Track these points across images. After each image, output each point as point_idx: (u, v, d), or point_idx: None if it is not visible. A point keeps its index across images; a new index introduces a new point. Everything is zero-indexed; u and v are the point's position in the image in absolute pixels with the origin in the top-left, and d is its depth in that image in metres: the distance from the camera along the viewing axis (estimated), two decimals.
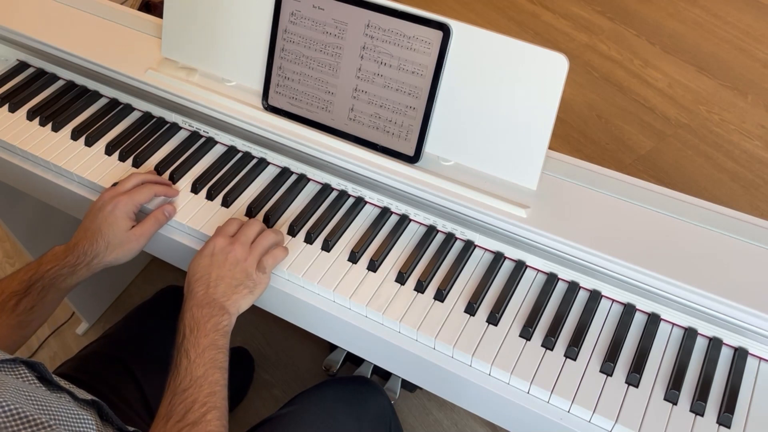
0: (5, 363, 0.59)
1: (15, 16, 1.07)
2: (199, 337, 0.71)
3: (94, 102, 1.04)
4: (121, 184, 0.87)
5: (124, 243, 0.83)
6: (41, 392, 0.57)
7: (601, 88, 2.13)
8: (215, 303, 0.74)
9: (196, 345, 0.70)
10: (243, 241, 0.78)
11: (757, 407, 0.69)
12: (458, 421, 1.42)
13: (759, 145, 1.93)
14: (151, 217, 0.85)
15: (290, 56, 0.87)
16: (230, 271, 0.76)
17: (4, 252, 1.82)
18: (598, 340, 0.75)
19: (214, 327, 0.73)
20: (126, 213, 0.83)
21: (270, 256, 0.80)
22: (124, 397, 0.90)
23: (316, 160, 0.89)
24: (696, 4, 2.41)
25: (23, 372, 0.60)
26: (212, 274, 0.76)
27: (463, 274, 0.81)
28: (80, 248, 0.81)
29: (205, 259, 0.77)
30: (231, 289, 0.76)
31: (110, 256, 0.82)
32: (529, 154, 0.79)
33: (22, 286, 0.78)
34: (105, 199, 0.84)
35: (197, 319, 0.73)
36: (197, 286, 0.76)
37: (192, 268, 0.78)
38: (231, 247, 0.78)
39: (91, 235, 0.82)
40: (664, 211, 0.79)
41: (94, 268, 0.82)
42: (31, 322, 0.80)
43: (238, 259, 0.77)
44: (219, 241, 0.78)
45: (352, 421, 0.88)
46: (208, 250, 0.78)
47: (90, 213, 0.85)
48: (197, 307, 0.74)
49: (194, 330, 0.72)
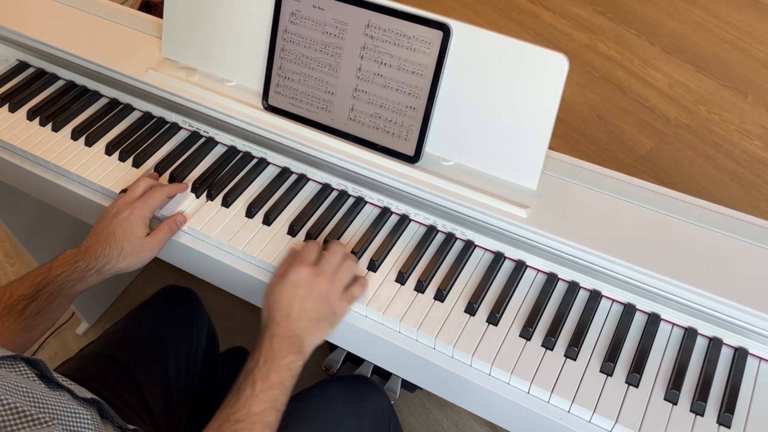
0: (6, 359, 0.59)
1: (15, 16, 1.07)
2: (270, 371, 0.69)
3: (94, 102, 1.04)
4: (131, 190, 0.86)
5: (137, 251, 0.82)
6: (40, 389, 0.57)
7: (601, 88, 2.13)
8: (296, 339, 0.72)
9: (265, 379, 0.69)
10: (328, 273, 0.75)
11: (757, 407, 0.69)
12: (458, 421, 1.42)
13: (759, 145, 1.93)
14: (164, 225, 0.85)
15: (290, 56, 0.87)
16: (314, 305, 0.74)
17: (4, 252, 1.82)
18: (598, 340, 0.75)
19: (288, 366, 0.71)
20: (142, 219, 0.83)
21: (358, 286, 0.78)
22: (123, 396, 0.90)
23: (316, 160, 0.89)
24: (696, 4, 2.41)
25: (23, 368, 0.60)
26: (295, 306, 0.73)
27: (463, 274, 0.81)
28: (92, 253, 0.81)
29: (288, 288, 0.74)
30: (313, 324, 0.74)
31: (122, 263, 0.82)
32: (529, 154, 0.79)
33: (31, 290, 0.78)
34: (120, 206, 0.84)
35: (275, 352, 0.71)
36: (280, 316, 0.73)
37: (273, 294, 0.75)
38: (316, 279, 0.74)
39: (104, 240, 0.81)
40: (664, 211, 0.79)
41: (105, 275, 0.82)
42: (36, 327, 0.79)
43: (323, 293, 0.74)
44: (303, 271, 0.75)
45: (351, 420, 0.88)
46: (292, 280, 0.74)
47: (103, 218, 0.84)
48: (278, 339, 0.72)
49: (268, 362, 0.70)
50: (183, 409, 0.99)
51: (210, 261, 0.87)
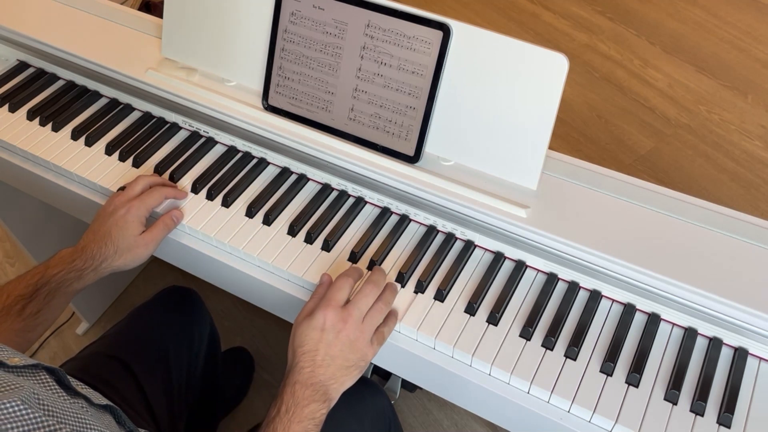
0: (27, 369, 0.59)
1: (15, 16, 1.07)
2: (292, 421, 0.67)
3: (94, 102, 1.04)
4: (129, 189, 0.86)
5: (132, 248, 0.82)
6: (55, 397, 0.57)
7: (601, 88, 2.13)
8: (320, 386, 0.70)
9: (287, 429, 0.67)
10: (356, 317, 0.72)
11: (757, 407, 0.69)
12: (458, 421, 1.42)
13: (759, 145, 1.93)
14: (160, 222, 0.85)
15: (290, 56, 0.87)
16: (341, 352, 0.71)
17: (4, 252, 1.82)
18: (598, 340, 0.75)
19: (311, 414, 0.68)
20: (138, 217, 0.83)
21: (388, 328, 0.75)
22: (125, 396, 0.90)
23: (316, 160, 0.89)
24: (696, 4, 2.41)
25: (44, 377, 0.60)
26: (320, 351, 0.70)
27: (463, 274, 0.81)
28: (88, 252, 0.81)
29: (314, 333, 0.71)
30: (340, 371, 0.71)
31: (118, 261, 0.82)
32: (529, 154, 0.79)
33: (28, 290, 0.78)
34: (116, 204, 0.84)
35: (297, 400, 0.68)
36: (304, 361, 0.70)
37: (298, 336, 0.72)
38: (343, 324, 0.71)
39: (100, 238, 0.81)
40: (664, 211, 0.79)
41: (102, 273, 0.82)
42: (36, 327, 0.79)
43: (351, 340, 0.71)
44: (330, 314, 0.71)
45: (351, 421, 0.88)
46: (318, 323, 0.71)
47: (100, 217, 0.84)
48: (301, 386, 0.69)
49: (290, 410, 0.68)
50: (184, 410, 0.99)
51: (210, 261, 0.87)
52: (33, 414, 0.49)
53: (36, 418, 0.49)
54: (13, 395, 0.49)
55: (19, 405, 0.49)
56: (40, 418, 0.49)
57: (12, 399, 0.49)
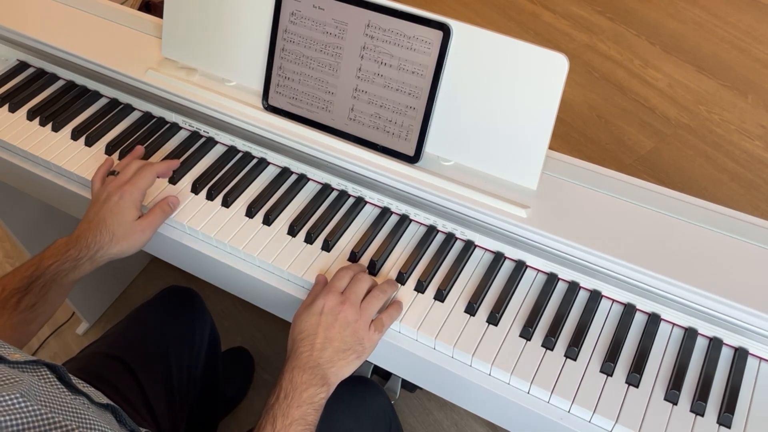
0: (28, 364, 0.59)
1: (15, 16, 1.07)
2: (291, 406, 0.67)
3: (94, 102, 1.04)
4: (122, 173, 0.85)
5: (128, 234, 0.81)
6: (57, 393, 0.57)
7: (601, 88, 2.13)
8: (318, 369, 0.70)
9: (286, 415, 0.67)
10: (353, 300, 0.74)
11: (757, 407, 0.69)
12: (458, 421, 1.42)
13: (759, 145, 1.93)
14: (157, 207, 0.84)
15: (290, 56, 0.87)
16: (339, 334, 0.72)
17: (4, 252, 1.82)
18: (599, 340, 0.75)
19: (310, 398, 0.69)
20: (133, 202, 0.82)
21: (387, 315, 0.75)
22: (125, 396, 0.90)
23: (316, 160, 0.89)
24: (696, 4, 2.41)
25: (44, 373, 0.60)
26: (319, 335, 0.71)
27: (463, 274, 0.81)
28: (83, 241, 0.80)
29: (312, 318, 0.73)
30: (338, 355, 0.71)
31: (115, 249, 0.81)
32: (529, 154, 0.79)
33: (23, 283, 0.77)
34: (110, 190, 0.83)
35: (295, 385, 0.69)
36: (302, 346, 0.71)
37: (298, 324, 0.74)
38: (341, 307, 0.73)
39: (95, 226, 0.80)
40: (664, 211, 0.79)
41: (98, 262, 0.81)
42: (34, 320, 0.78)
43: (348, 321, 0.72)
44: (329, 299, 0.73)
45: (351, 421, 0.88)
46: (317, 308, 0.73)
47: (94, 204, 0.83)
48: (299, 370, 0.70)
49: (288, 396, 0.68)
50: (184, 409, 0.99)
51: (210, 261, 0.87)
52: (33, 407, 0.49)
53: (35, 411, 0.49)
54: (12, 389, 0.49)
55: (19, 398, 0.49)
56: (39, 411, 0.49)
57: (11, 392, 0.49)
